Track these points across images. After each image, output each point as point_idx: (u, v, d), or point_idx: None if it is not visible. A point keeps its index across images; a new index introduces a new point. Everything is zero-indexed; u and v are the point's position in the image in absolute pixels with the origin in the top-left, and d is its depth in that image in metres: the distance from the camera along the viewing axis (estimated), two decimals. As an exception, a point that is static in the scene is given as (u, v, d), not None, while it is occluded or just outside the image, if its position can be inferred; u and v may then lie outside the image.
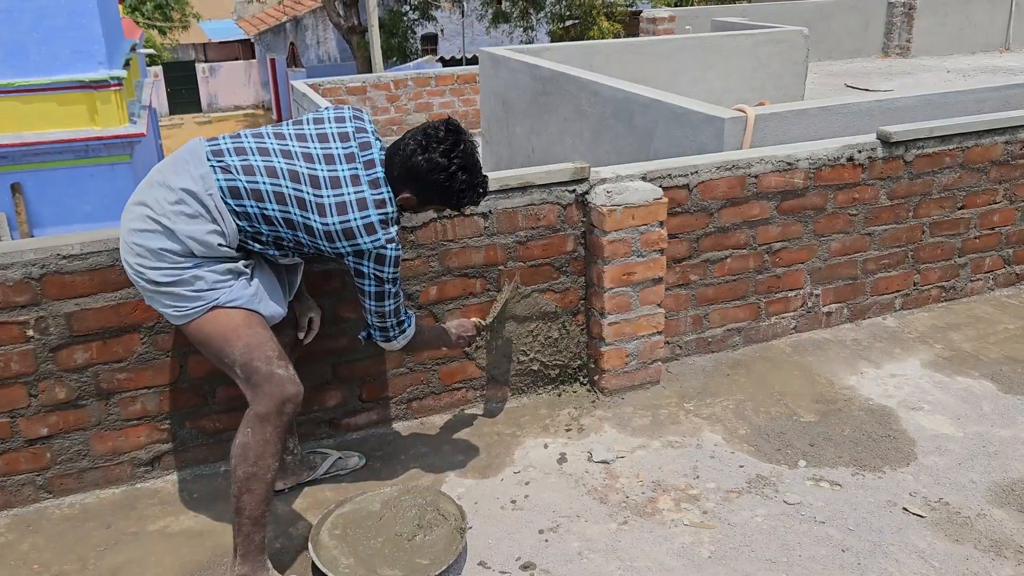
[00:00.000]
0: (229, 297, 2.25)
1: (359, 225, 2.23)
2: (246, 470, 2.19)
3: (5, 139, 9.88)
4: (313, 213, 2.23)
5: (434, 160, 2.28)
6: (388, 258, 2.29)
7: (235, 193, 2.22)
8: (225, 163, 2.23)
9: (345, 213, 2.23)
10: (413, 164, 2.29)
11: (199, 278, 2.22)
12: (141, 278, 2.25)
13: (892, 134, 3.62)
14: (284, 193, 2.23)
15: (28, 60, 9.70)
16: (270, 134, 2.33)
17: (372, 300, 2.37)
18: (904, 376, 3.43)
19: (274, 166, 2.25)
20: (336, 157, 2.29)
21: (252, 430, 2.20)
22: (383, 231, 2.26)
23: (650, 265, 3.19)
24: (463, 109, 9.61)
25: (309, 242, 2.28)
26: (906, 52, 11.04)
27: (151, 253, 2.21)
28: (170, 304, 2.25)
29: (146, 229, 2.22)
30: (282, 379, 2.23)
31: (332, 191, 2.24)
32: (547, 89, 6.04)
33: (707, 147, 4.19)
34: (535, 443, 3.02)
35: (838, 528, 2.54)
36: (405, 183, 2.32)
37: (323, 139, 2.33)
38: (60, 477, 2.73)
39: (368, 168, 2.30)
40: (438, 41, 25.97)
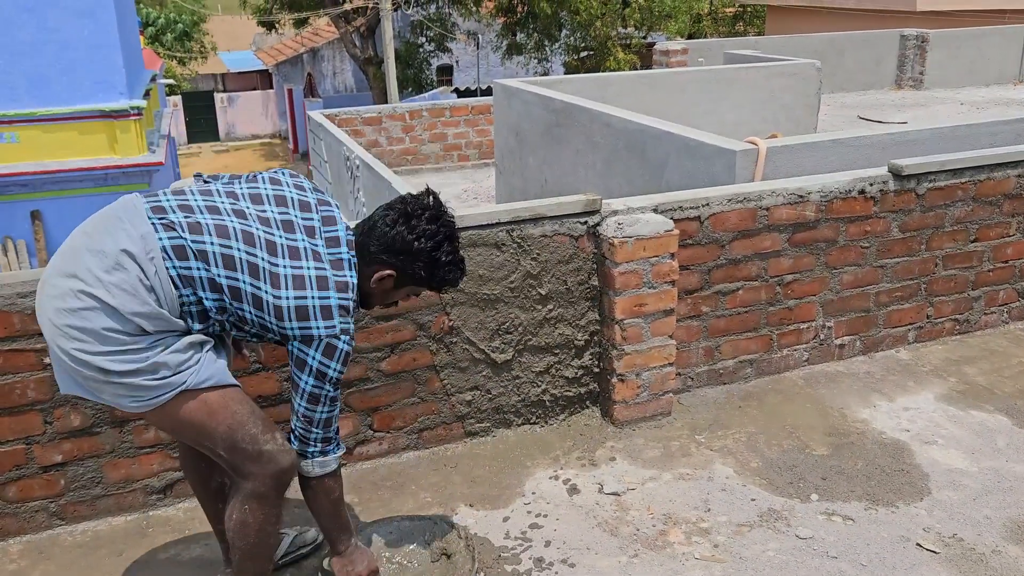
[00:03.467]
0: (198, 379, 1.97)
1: (316, 306, 1.97)
2: (247, 543, 2.09)
3: (26, 167, 10.05)
4: (265, 283, 1.96)
5: (419, 228, 2.06)
6: (338, 352, 2.01)
7: (180, 253, 1.92)
8: (168, 220, 1.94)
9: (302, 288, 1.97)
10: (396, 235, 2.06)
11: (161, 364, 1.92)
12: (86, 368, 1.89)
13: (904, 167, 3.63)
14: (234, 257, 1.95)
15: (51, 90, 9.90)
16: (221, 192, 2.06)
17: (304, 400, 2.04)
18: (917, 409, 3.41)
19: (225, 225, 1.97)
20: (296, 225, 2.04)
21: (249, 508, 2.05)
22: (340, 319, 2.00)
23: (661, 296, 3.20)
24: (477, 140, 9.70)
25: (255, 317, 1.99)
26: (919, 84, 11.07)
27: (93, 336, 1.88)
28: (126, 395, 1.93)
29: (81, 307, 1.88)
30: (272, 454, 2.03)
31: (290, 261, 1.98)
32: (560, 121, 6.09)
33: (719, 179, 4.21)
34: (545, 474, 3.01)
35: (851, 563, 2.52)
36: (384, 258, 2.09)
37: (281, 202, 2.07)
38: (73, 504, 2.74)
39: (331, 246, 2.05)
40: (453, 72, 26.26)
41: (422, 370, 3.07)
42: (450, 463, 3.09)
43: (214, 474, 2.30)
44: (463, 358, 3.11)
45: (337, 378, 2.05)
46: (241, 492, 2.06)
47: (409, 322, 3.00)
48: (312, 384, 2.02)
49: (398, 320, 2.98)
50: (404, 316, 2.98)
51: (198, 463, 2.30)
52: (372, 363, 2.99)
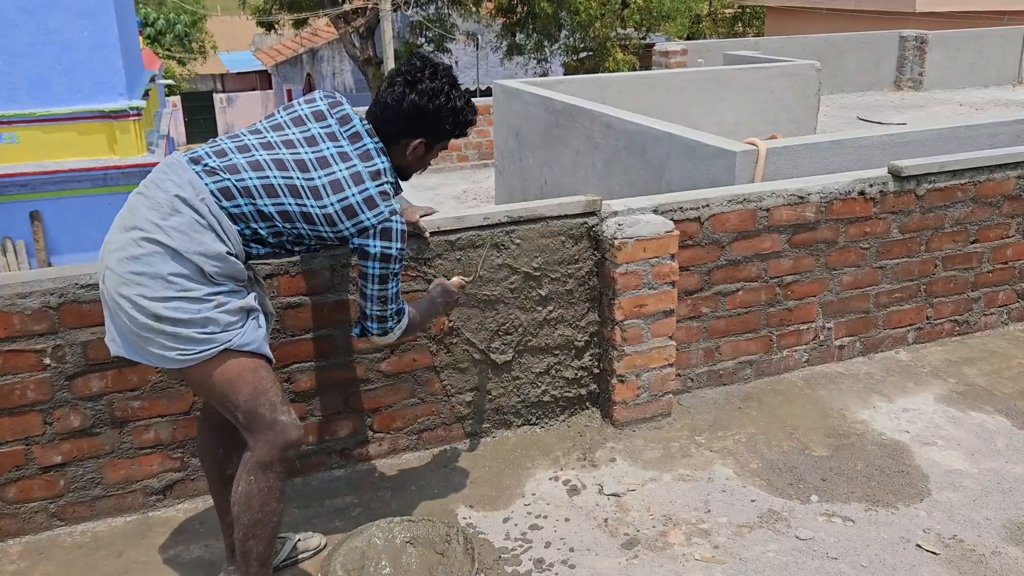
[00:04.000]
0: (242, 340, 2.10)
1: (358, 200, 2.14)
2: (251, 517, 2.14)
3: (26, 167, 10.04)
4: (308, 198, 2.13)
5: (428, 88, 2.21)
6: (395, 231, 2.19)
7: (227, 194, 2.09)
8: (208, 166, 2.10)
9: (341, 190, 2.14)
10: (410, 104, 2.21)
11: (211, 320, 2.05)
12: (142, 314, 2.01)
13: (904, 168, 3.64)
14: (273, 184, 2.12)
15: (50, 91, 9.90)
16: (245, 132, 2.23)
17: (376, 284, 2.23)
18: (917, 411, 3.41)
19: (257, 159, 2.13)
20: (317, 137, 2.20)
21: (255, 478, 2.13)
22: (384, 203, 2.17)
23: (661, 297, 3.20)
24: (476, 140, 9.68)
25: (310, 232, 2.18)
26: (918, 85, 11.08)
27: (157, 281, 2.01)
28: (174, 347, 2.04)
29: (144, 254, 2.02)
30: (285, 425, 2.14)
31: (322, 171, 2.15)
32: (560, 121, 6.09)
33: (719, 180, 4.21)
34: (545, 475, 3.01)
35: (850, 565, 2.52)
36: (409, 129, 2.24)
37: (298, 122, 2.23)
38: (73, 505, 2.74)
39: (355, 141, 2.21)
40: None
41: (422, 371, 3.07)
42: (450, 464, 3.09)
43: (232, 460, 2.32)
44: (463, 359, 3.11)
45: (400, 256, 2.22)
46: (246, 465, 2.15)
47: (409, 323, 2.99)
48: (379, 267, 2.20)
49: (398, 321, 2.97)
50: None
51: (216, 449, 2.36)
52: (372, 364, 2.99)
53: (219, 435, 2.35)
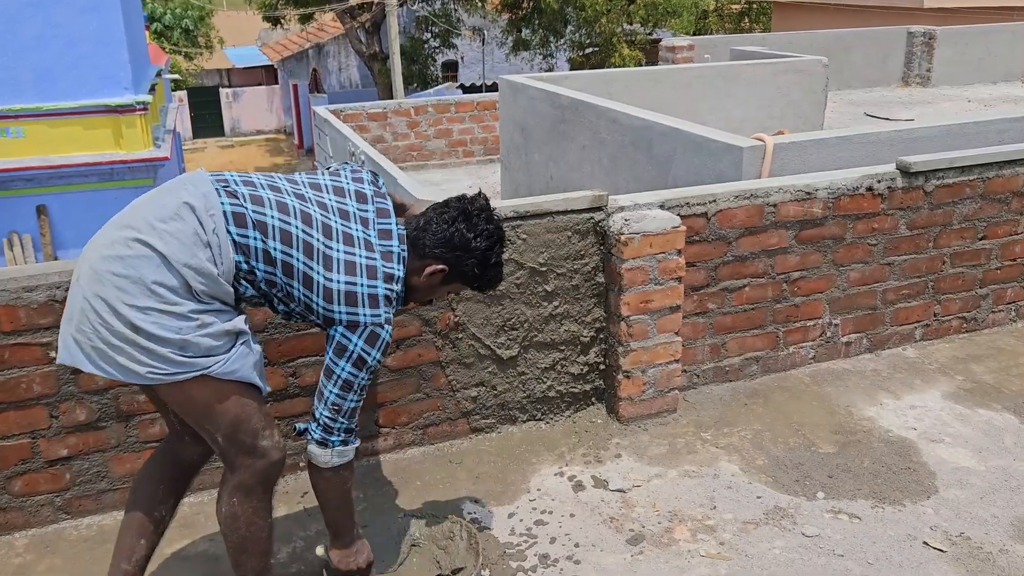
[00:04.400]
0: (225, 368, 1.94)
1: (364, 292, 2.02)
2: (239, 536, 2.09)
3: (32, 162, 10.06)
4: (318, 264, 2.00)
5: (480, 227, 2.13)
6: (380, 340, 2.05)
7: (240, 221, 1.95)
8: (231, 188, 1.99)
9: (353, 275, 2.02)
10: (455, 232, 2.12)
11: (191, 343, 1.89)
12: (117, 320, 1.85)
13: (912, 164, 3.62)
14: (292, 233, 1.99)
15: (57, 85, 9.91)
16: (281, 177, 2.12)
17: (336, 388, 2.05)
18: (924, 408, 3.39)
19: (286, 203, 2.02)
20: (352, 215, 2.09)
21: (237, 500, 2.06)
22: (384, 308, 2.05)
23: (668, 293, 3.19)
24: (482, 136, 9.68)
25: (303, 296, 2.02)
26: (926, 82, 11.03)
27: (140, 287, 1.86)
28: (146, 362, 1.88)
29: (132, 255, 1.87)
30: (266, 450, 2.04)
31: (344, 246, 2.04)
32: (566, 117, 6.08)
33: (726, 176, 4.20)
34: (551, 471, 3.01)
35: (857, 562, 2.51)
36: (439, 253, 2.14)
37: (339, 192, 2.13)
38: (79, 498, 2.74)
39: (383, 238, 2.11)
40: (458, 68, 26.24)
41: (427, 366, 3.07)
42: (455, 459, 3.09)
43: (167, 503, 2.22)
44: (468, 354, 3.11)
45: (374, 367, 2.08)
46: (228, 485, 2.07)
47: (415, 318, 2.99)
48: (348, 371, 2.04)
49: (404, 316, 2.97)
50: (409, 312, 2.98)
51: (157, 485, 2.21)
52: (377, 359, 2.98)
53: (169, 472, 2.22)
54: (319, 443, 2.11)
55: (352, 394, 2.07)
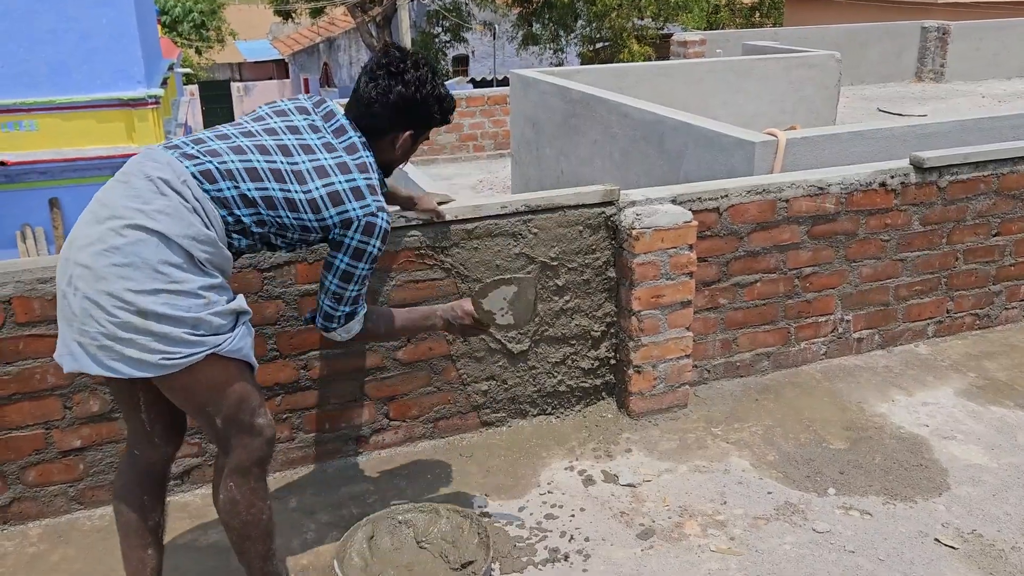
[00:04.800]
0: (232, 347, 1.95)
1: (345, 188, 2.06)
2: (241, 521, 2.08)
3: (45, 155, 10.11)
4: (292, 183, 2.03)
5: (414, 77, 2.15)
6: (378, 228, 2.09)
7: (208, 176, 1.96)
8: (186, 151, 1.99)
9: (327, 176, 2.06)
10: (397, 96, 2.15)
11: (203, 321, 1.90)
12: (126, 310, 1.82)
13: (926, 160, 3.60)
14: (256, 168, 2.01)
15: (69, 78, 9.95)
16: (225, 125, 2.15)
17: (336, 279, 2.13)
18: (937, 404, 3.38)
19: (238, 144, 2.04)
20: (301, 128, 2.13)
21: (235, 484, 2.05)
22: (372, 196, 2.09)
23: (679, 288, 3.19)
24: (493, 130, 9.68)
25: (294, 220, 2.05)
26: (940, 77, 10.95)
27: (145, 271, 1.83)
28: (159, 349, 1.85)
29: (128, 242, 1.84)
30: (262, 427, 2.06)
31: (307, 156, 2.07)
32: (577, 111, 6.07)
33: (737, 171, 4.18)
34: (561, 465, 3.01)
35: (868, 558, 2.51)
36: (398, 122, 2.19)
37: (281, 114, 2.16)
38: (92, 489, 2.76)
39: (339, 135, 2.14)
40: (469, 62, 26.21)
41: (438, 359, 3.07)
42: (465, 453, 3.09)
43: (156, 509, 2.19)
44: (479, 348, 3.11)
45: (375, 256, 2.13)
46: (221, 471, 2.07)
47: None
48: (347, 262, 2.10)
49: (415, 309, 2.97)
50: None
51: (142, 496, 2.16)
52: (389, 352, 2.99)
53: (144, 481, 2.18)
54: (323, 330, 2.22)
55: (353, 284, 2.14)
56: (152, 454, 2.17)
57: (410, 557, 2.47)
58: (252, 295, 2.73)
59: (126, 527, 2.17)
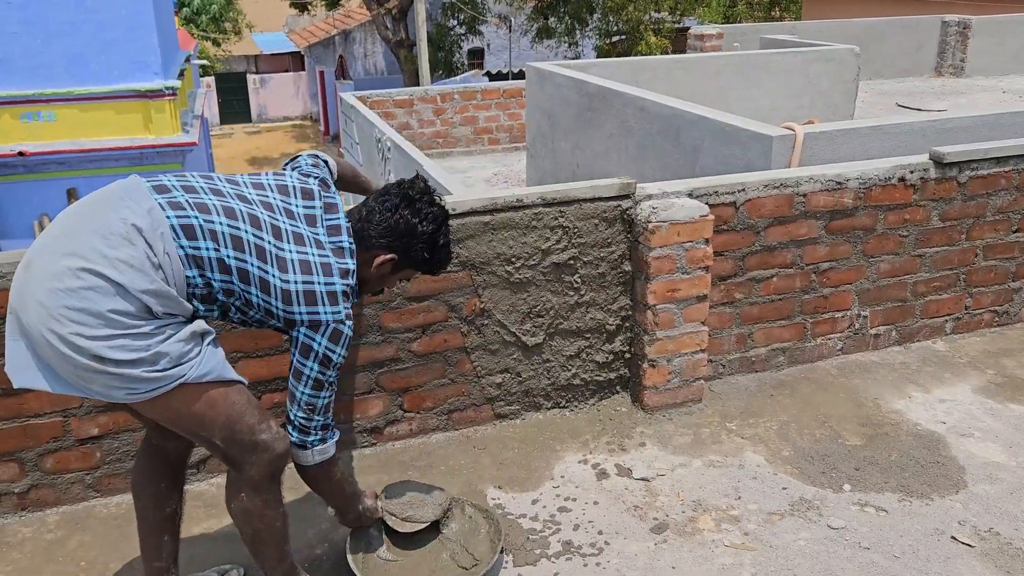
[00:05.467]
0: (199, 372, 1.88)
1: (323, 291, 1.97)
2: (253, 528, 2.06)
3: (63, 145, 10.19)
4: (272, 267, 1.93)
5: (424, 211, 2.11)
6: (343, 337, 2.01)
7: (189, 233, 1.86)
8: (174, 199, 1.88)
9: (309, 273, 1.96)
10: (399, 219, 2.10)
11: (162, 354, 1.81)
12: (80, 355, 1.75)
13: (946, 155, 3.56)
14: (242, 238, 1.91)
15: (88, 70, 10.02)
16: (221, 178, 2.04)
17: (308, 388, 2.01)
18: (954, 401, 3.35)
19: (232, 207, 1.93)
20: (297, 215, 2.03)
21: (246, 496, 2.02)
22: (344, 304, 2.01)
23: (695, 282, 3.17)
24: (508, 123, 9.67)
25: (261, 301, 1.95)
26: (960, 72, 10.85)
27: (95, 318, 1.75)
28: (120, 386, 1.80)
29: (83, 287, 1.75)
30: (267, 443, 1.98)
31: (296, 246, 1.97)
32: (593, 104, 6.05)
33: (754, 165, 4.16)
34: (575, 458, 3.01)
35: (883, 555, 2.49)
36: (385, 243, 2.11)
37: (283, 191, 2.06)
38: (108, 477, 2.78)
39: (332, 234, 2.05)
40: (484, 55, 26.18)
41: (453, 352, 3.07)
42: (479, 445, 3.09)
43: (172, 496, 2.19)
44: (494, 340, 3.11)
45: (340, 364, 2.04)
46: (236, 483, 2.03)
47: (441, 303, 3.00)
48: (317, 370, 2.00)
49: (430, 301, 2.98)
50: (436, 297, 2.98)
51: (158, 484, 2.17)
52: (403, 344, 3.00)
53: (161, 469, 2.18)
54: (298, 446, 2.08)
55: (324, 391, 2.04)
56: (168, 443, 2.17)
57: (422, 551, 2.47)
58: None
59: (143, 514, 2.18)
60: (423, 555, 2.45)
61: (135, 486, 2.19)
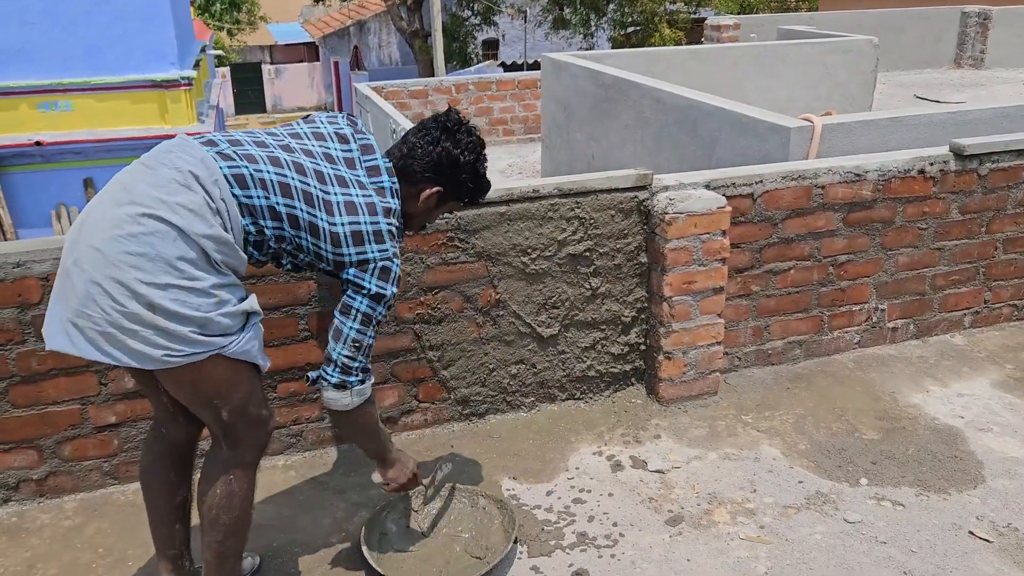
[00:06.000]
0: (239, 348, 1.91)
1: (368, 230, 2.01)
2: (232, 516, 2.02)
3: (80, 135, 10.24)
4: (320, 210, 1.98)
5: (463, 141, 2.14)
6: (392, 274, 2.05)
7: (241, 182, 1.91)
8: (223, 151, 1.93)
9: (355, 214, 2.01)
10: (442, 151, 2.13)
11: (211, 321, 1.84)
12: (135, 301, 1.77)
13: (966, 147, 3.52)
14: (290, 185, 1.96)
15: (104, 60, 10.06)
16: (262, 132, 2.08)
17: (357, 323, 2.03)
18: (972, 396, 3.33)
19: (277, 156, 1.98)
20: (337, 157, 2.08)
21: (235, 477, 2.01)
22: (391, 242, 2.05)
23: (711, 274, 3.15)
24: (523, 114, 9.64)
25: (311, 245, 2.01)
26: (980, 64, 10.72)
27: (158, 263, 1.78)
28: (162, 345, 1.80)
29: (144, 232, 1.78)
30: (266, 419, 2.04)
31: (340, 188, 2.02)
32: (609, 95, 6.02)
33: (772, 156, 4.13)
34: (589, 450, 3.00)
35: (900, 549, 2.48)
36: (430, 177, 2.14)
37: (319, 137, 2.10)
38: (126, 464, 2.80)
39: (372, 175, 2.09)
40: (499, 46, 26.10)
41: (468, 343, 3.07)
42: (494, 436, 3.09)
43: (183, 484, 2.19)
44: (509, 331, 3.11)
45: (391, 301, 2.08)
46: (225, 463, 2.01)
47: (457, 294, 3.00)
48: (367, 305, 2.03)
49: (446, 292, 2.98)
50: (452, 288, 2.98)
51: (168, 473, 2.17)
52: (419, 334, 2.99)
53: (171, 459, 2.17)
54: (337, 386, 2.07)
55: (371, 329, 2.07)
56: (178, 433, 2.17)
57: (433, 542, 2.47)
58: (283, 276, 2.75)
59: (154, 503, 2.19)
60: (437, 546, 2.46)
61: (145, 476, 2.20)
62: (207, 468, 2.04)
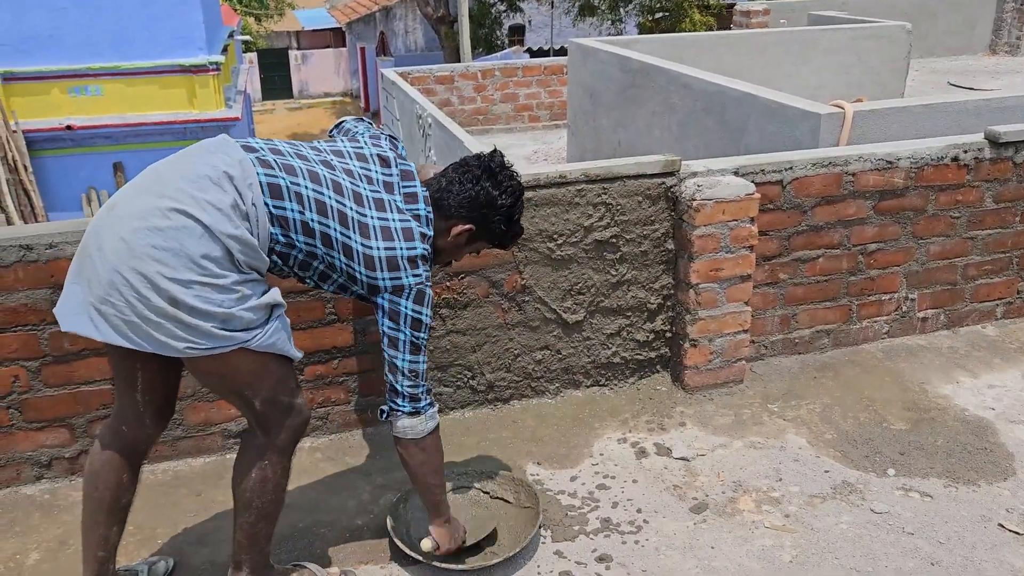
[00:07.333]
0: (263, 342, 1.89)
1: (404, 255, 2.01)
2: (264, 500, 2.03)
3: (110, 120, 10.35)
4: (355, 232, 1.98)
5: (504, 184, 2.14)
6: (427, 298, 2.06)
7: (276, 192, 1.89)
8: (263, 157, 1.92)
9: (391, 240, 2.01)
10: (480, 190, 2.12)
11: (234, 317, 1.83)
12: (157, 295, 1.77)
13: (1002, 134, 3.46)
14: (326, 203, 1.95)
15: (133, 45, 10.15)
16: (305, 144, 2.08)
17: (407, 353, 2.06)
18: (1004, 387, 3.28)
19: (316, 172, 1.97)
20: (376, 180, 2.07)
21: (270, 463, 2.01)
22: (424, 267, 2.06)
23: (739, 262, 3.13)
24: (549, 100, 9.60)
25: (344, 265, 2.00)
26: (1016, 50, 10.51)
27: (182, 259, 1.77)
28: (185, 338, 1.81)
29: (171, 226, 1.77)
30: (301, 406, 2.04)
31: (376, 212, 2.01)
32: (636, 81, 5.98)
33: (802, 143, 4.08)
34: (614, 436, 3.00)
35: (927, 541, 2.45)
36: (464, 214, 2.13)
37: (361, 159, 2.09)
38: (156, 444, 2.82)
39: (409, 202, 2.09)
40: (525, 32, 25.98)
41: (493, 328, 3.07)
42: (518, 421, 3.10)
43: (130, 489, 2.14)
44: (534, 317, 3.10)
45: (429, 325, 2.09)
46: (260, 449, 2.02)
47: (483, 279, 3.00)
48: (410, 335, 2.05)
49: (472, 277, 2.98)
50: (478, 273, 2.98)
51: (121, 474, 2.09)
52: (443, 318, 3.00)
53: (127, 459, 2.11)
54: (411, 414, 2.10)
55: (421, 355, 2.09)
56: (140, 434, 2.12)
57: (463, 522, 2.49)
58: (312, 259, 2.76)
59: (98, 504, 2.09)
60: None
61: (93, 475, 2.10)
62: (243, 452, 2.06)
